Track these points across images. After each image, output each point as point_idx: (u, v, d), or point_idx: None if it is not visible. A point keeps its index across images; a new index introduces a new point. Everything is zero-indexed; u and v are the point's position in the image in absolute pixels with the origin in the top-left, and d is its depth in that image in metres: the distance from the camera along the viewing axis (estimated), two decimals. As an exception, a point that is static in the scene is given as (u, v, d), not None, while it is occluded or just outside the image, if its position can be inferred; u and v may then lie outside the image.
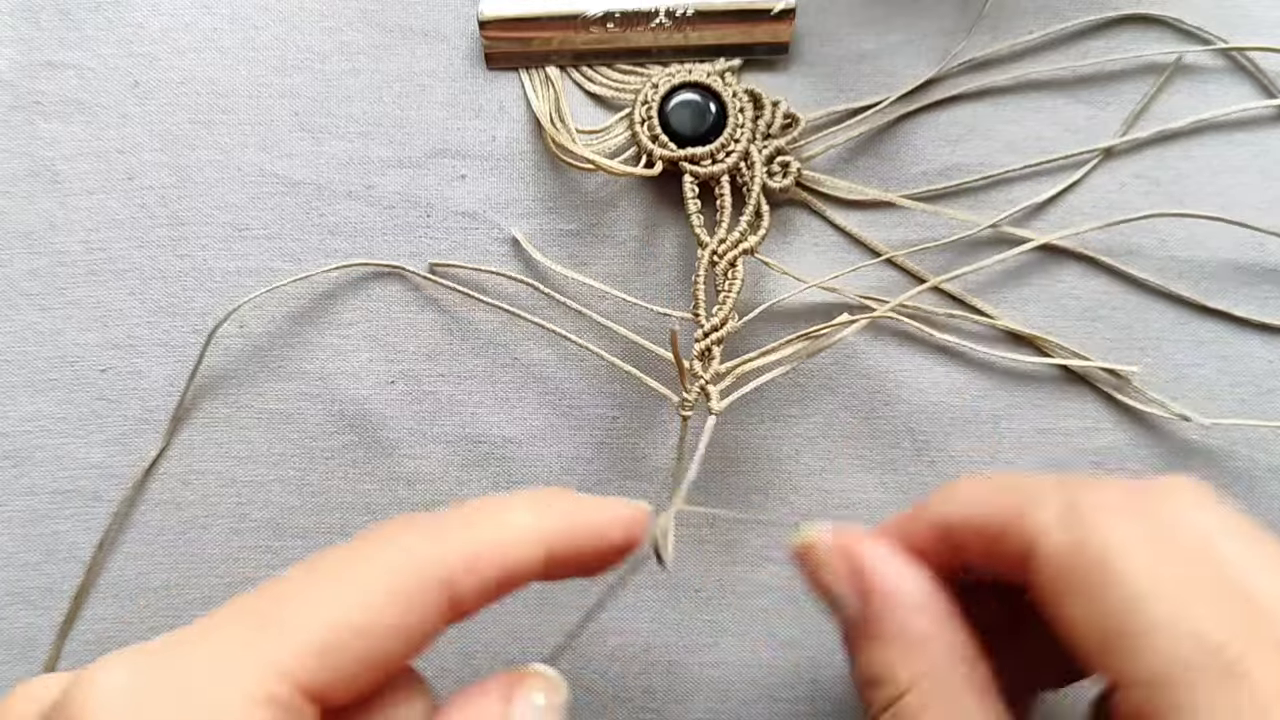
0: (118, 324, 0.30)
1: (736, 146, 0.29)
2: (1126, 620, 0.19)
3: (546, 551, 0.21)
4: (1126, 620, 0.19)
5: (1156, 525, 0.20)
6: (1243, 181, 0.30)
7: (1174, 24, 0.31)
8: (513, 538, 0.21)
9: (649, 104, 0.30)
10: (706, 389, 0.27)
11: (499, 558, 0.21)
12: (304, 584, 0.19)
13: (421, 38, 0.31)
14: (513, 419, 0.30)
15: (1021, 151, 0.30)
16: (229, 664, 0.18)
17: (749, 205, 0.29)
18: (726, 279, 0.28)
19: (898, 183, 0.31)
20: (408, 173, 0.30)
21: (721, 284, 0.28)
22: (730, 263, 0.28)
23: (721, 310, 0.28)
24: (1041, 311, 0.30)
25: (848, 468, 0.30)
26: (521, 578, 0.21)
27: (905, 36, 0.31)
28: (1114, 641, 0.19)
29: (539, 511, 0.21)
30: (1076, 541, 0.20)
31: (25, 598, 0.29)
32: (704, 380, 0.27)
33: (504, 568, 0.21)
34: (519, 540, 0.21)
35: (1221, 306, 0.30)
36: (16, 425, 0.29)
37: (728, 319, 0.28)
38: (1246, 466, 0.30)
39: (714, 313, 0.28)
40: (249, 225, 0.30)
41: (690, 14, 0.30)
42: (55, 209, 0.30)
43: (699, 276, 0.28)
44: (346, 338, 0.30)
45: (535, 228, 0.30)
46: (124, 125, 0.30)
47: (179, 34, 0.30)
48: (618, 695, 0.29)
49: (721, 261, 0.28)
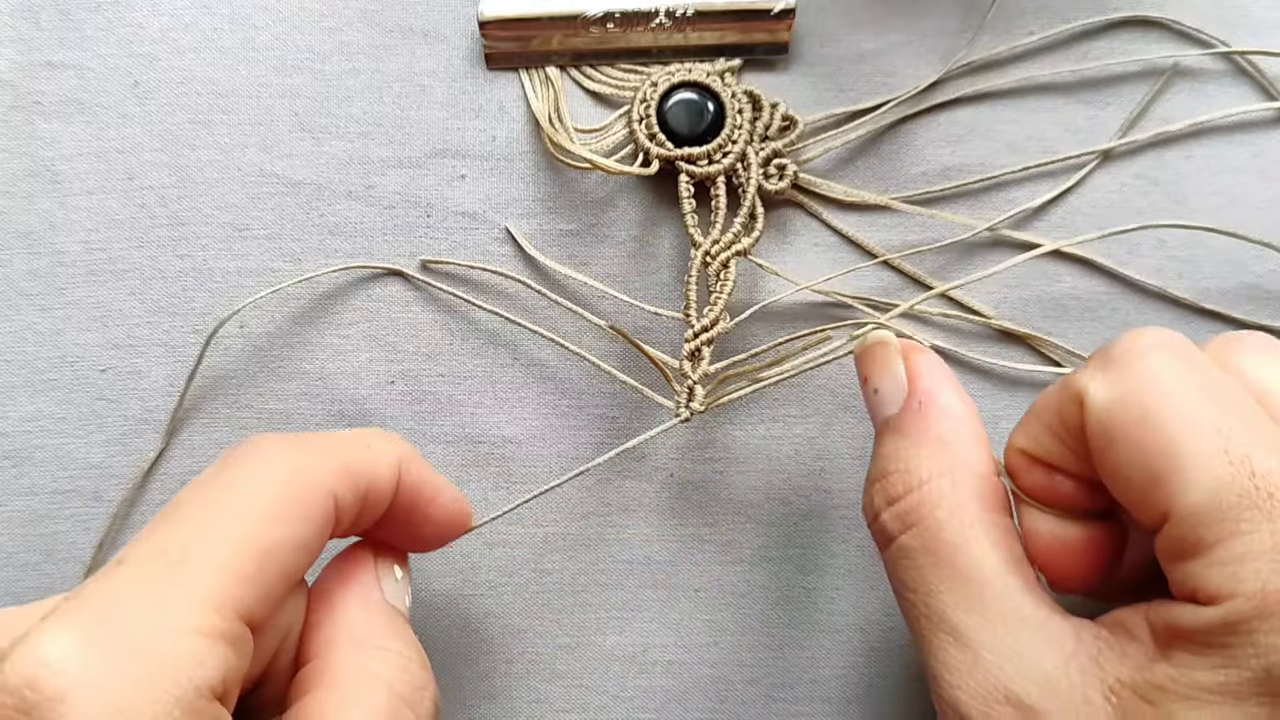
0: (118, 324, 0.30)
1: (733, 148, 0.29)
2: (1170, 453, 0.18)
3: (399, 478, 0.22)
4: (1170, 453, 0.18)
5: (1197, 360, 0.20)
6: (1242, 182, 0.30)
7: (1174, 26, 0.31)
8: (375, 456, 0.22)
9: (647, 102, 0.30)
10: (694, 389, 0.27)
11: (367, 470, 0.21)
12: (205, 511, 0.19)
13: (421, 38, 0.31)
14: (513, 419, 0.30)
15: (1022, 152, 0.30)
16: (171, 608, 0.17)
17: (744, 207, 0.29)
18: (719, 280, 0.28)
19: (897, 183, 0.31)
20: (408, 173, 0.30)
21: (714, 285, 0.28)
22: (723, 264, 0.28)
23: (712, 311, 0.28)
24: (1041, 312, 0.30)
25: (848, 468, 0.30)
26: (380, 498, 0.22)
27: (905, 37, 0.31)
28: (1158, 477, 0.18)
29: (391, 441, 0.23)
30: (1118, 383, 0.20)
31: (25, 598, 0.29)
32: (693, 381, 0.27)
33: (370, 482, 0.21)
34: (380, 459, 0.22)
35: (1220, 308, 0.30)
36: (16, 425, 0.29)
37: (718, 320, 0.28)
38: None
39: (705, 313, 0.28)
40: (249, 225, 0.30)
41: (690, 14, 0.30)
42: (55, 209, 0.30)
43: (691, 277, 0.28)
44: (346, 338, 0.30)
45: (535, 228, 0.30)
46: (124, 125, 0.30)
47: (179, 34, 0.30)
48: (618, 695, 0.30)
49: (714, 262, 0.28)
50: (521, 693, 0.30)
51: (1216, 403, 0.19)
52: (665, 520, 0.30)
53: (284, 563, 0.19)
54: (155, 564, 0.18)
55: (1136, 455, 0.19)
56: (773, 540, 0.30)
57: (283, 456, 0.20)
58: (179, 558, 0.18)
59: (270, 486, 0.20)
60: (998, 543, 0.21)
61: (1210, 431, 0.18)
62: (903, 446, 0.23)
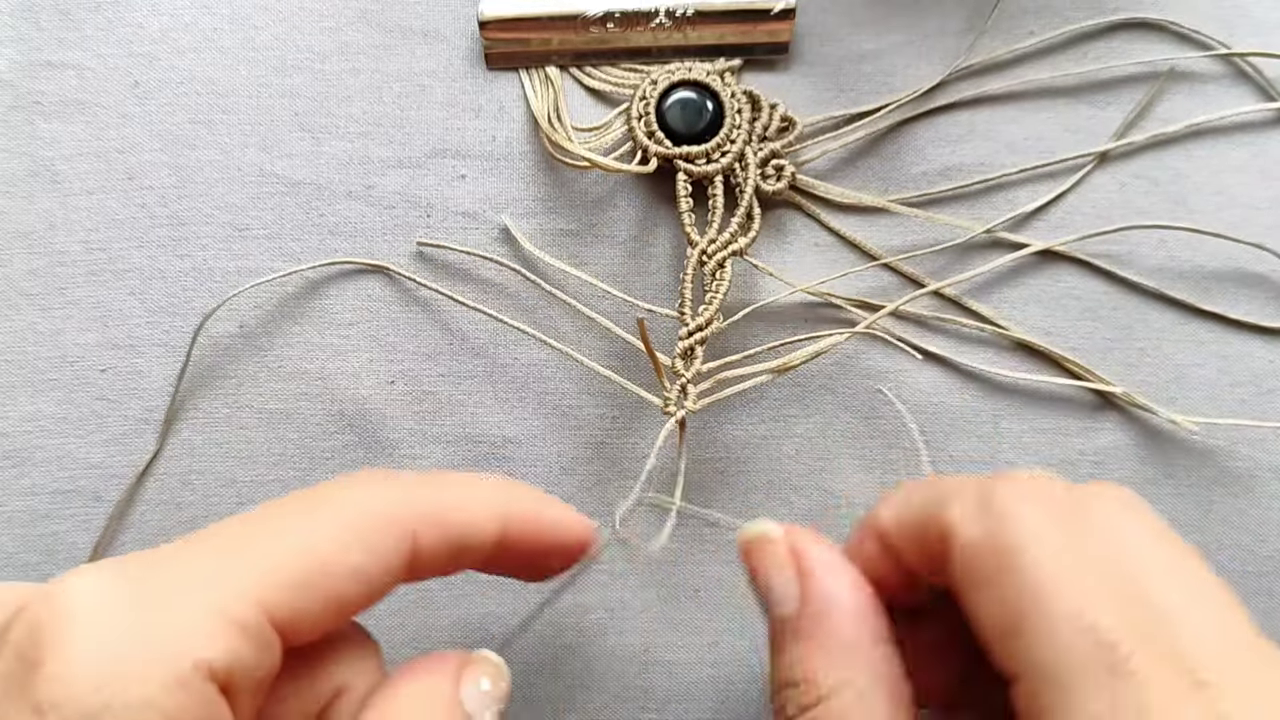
0: (118, 324, 0.30)
1: (732, 147, 0.29)
2: (1025, 610, 0.18)
3: (502, 529, 0.22)
4: (1025, 610, 0.18)
5: (1070, 521, 0.20)
6: (1242, 183, 0.30)
7: (1173, 27, 0.31)
8: (475, 506, 0.21)
9: (647, 100, 0.30)
10: (686, 388, 0.27)
11: (461, 520, 0.21)
12: (275, 519, 0.19)
13: (421, 38, 0.31)
14: (513, 419, 0.30)
15: (1022, 152, 0.30)
16: (201, 583, 0.18)
17: (741, 206, 0.29)
18: (714, 279, 0.28)
19: (897, 183, 0.31)
20: (408, 173, 0.30)
21: (709, 284, 0.28)
22: (719, 263, 0.28)
23: (707, 310, 0.28)
24: (1041, 312, 0.30)
25: (848, 468, 0.30)
26: (476, 549, 0.21)
27: (905, 37, 0.31)
28: (1012, 631, 0.18)
29: (502, 490, 0.22)
30: (987, 531, 0.20)
31: (25, 598, 0.29)
32: (685, 379, 0.27)
33: (464, 532, 0.21)
34: (480, 510, 0.21)
35: (1220, 308, 0.30)
36: (16, 425, 0.29)
37: (713, 319, 0.28)
38: (1247, 466, 0.30)
39: (699, 312, 0.28)
40: (249, 225, 0.30)
41: (690, 14, 0.30)
42: (55, 209, 0.30)
43: (686, 275, 0.28)
44: (346, 338, 0.30)
45: (534, 227, 0.30)
46: (124, 125, 0.30)
47: (179, 34, 0.30)
48: (618, 695, 0.30)
49: (710, 262, 0.28)
50: (522, 693, 0.30)
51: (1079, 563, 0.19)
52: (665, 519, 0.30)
53: (334, 585, 0.19)
54: (209, 548, 0.19)
55: (995, 600, 0.19)
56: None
57: (370, 488, 0.21)
58: (231, 548, 0.19)
59: (346, 512, 0.20)
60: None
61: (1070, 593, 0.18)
62: (806, 653, 0.22)
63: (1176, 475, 0.30)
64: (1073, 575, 0.19)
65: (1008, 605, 0.19)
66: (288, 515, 0.20)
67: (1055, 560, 0.19)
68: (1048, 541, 0.19)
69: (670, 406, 0.27)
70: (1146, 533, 0.20)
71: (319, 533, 0.19)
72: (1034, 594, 0.18)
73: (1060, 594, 0.18)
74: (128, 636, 0.17)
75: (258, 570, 0.18)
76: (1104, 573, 0.19)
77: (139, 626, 0.17)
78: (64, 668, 0.16)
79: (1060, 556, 0.19)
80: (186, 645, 0.17)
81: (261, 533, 0.19)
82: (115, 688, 0.16)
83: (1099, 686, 0.17)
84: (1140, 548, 0.20)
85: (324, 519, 0.19)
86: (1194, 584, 0.19)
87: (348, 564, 0.19)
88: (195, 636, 0.17)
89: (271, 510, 0.20)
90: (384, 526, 0.20)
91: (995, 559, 0.19)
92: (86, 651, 0.16)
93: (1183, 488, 0.30)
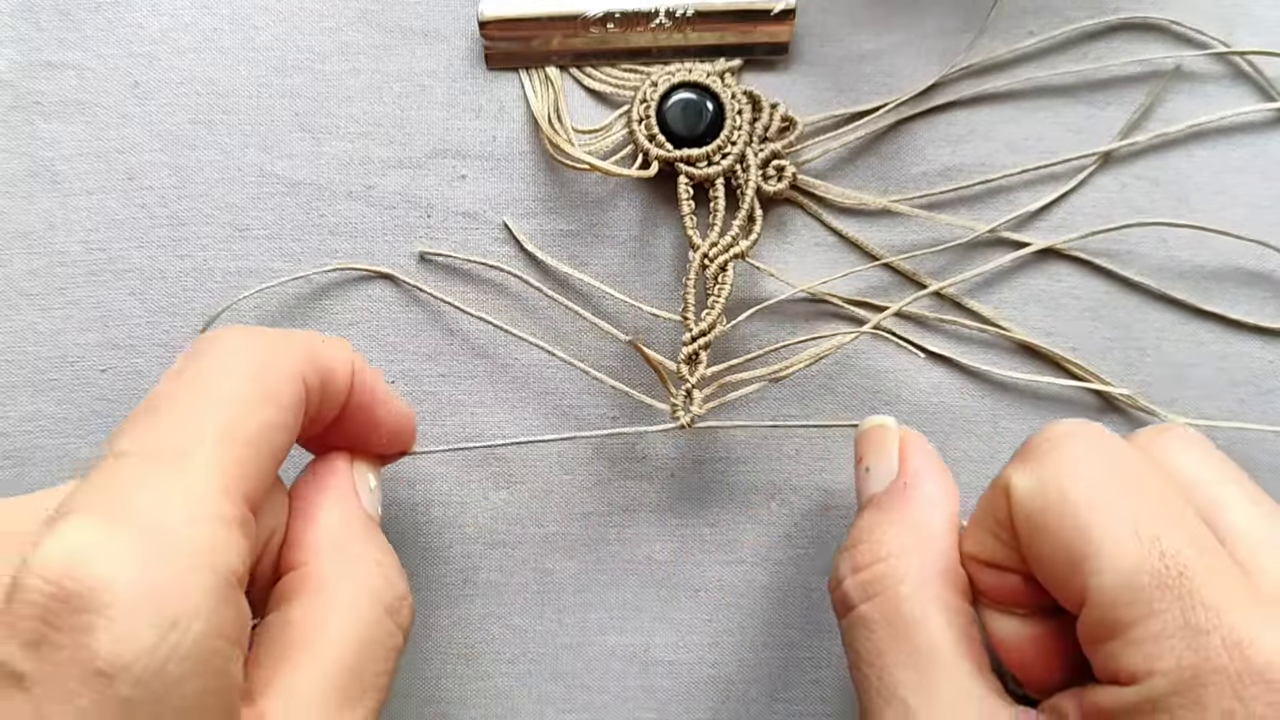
0: (118, 324, 0.30)
1: (733, 149, 0.29)
2: (1082, 541, 0.19)
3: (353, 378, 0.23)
4: (1082, 541, 0.19)
5: (1111, 449, 0.20)
6: (1243, 182, 0.30)
7: (1174, 27, 0.31)
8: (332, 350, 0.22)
9: (647, 102, 0.30)
10: (692, 393, 0.27)
11: (326, 362, 0.22)
12: (190, 401, 0.19)
13: (421, 38, 0.31)
14: (513, 419, 0.30)
15: (1022, 153, 0.30)
16: (185, 496, 0.17)
17: (742, 208, 0.29)
18: (717, 282, 0.28)
19: (898, 183, 0.31)
20: (408, 173, 0.30)
21: (711, 287, 0.28)
22: (721, 266, 0.28)
23: (710, 314, 0.28)
24: (1041, 312, 0.30)
25: (847, 467, 0.30)
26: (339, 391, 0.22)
27: (905, 37, 0.31)
28: (1075, 567, 0.19)
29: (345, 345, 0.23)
30: (1040, 478, 0.20)
31: (25, 598, 0.29)
32: (690, 384, 0.27)
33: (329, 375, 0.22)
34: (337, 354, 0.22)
35: (1221, 308, 0.30)
36: (16, 425, 0.29)
37: (716, 323, 0.28)
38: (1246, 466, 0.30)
39: (702, 316, 0.28)
40: (249, 225, 0.30)
41: (690, 14, 0.30)
42: (55, 209, 0.30)
43: (689, 279, 0.28)
44: (346, 338, 0.30)
45: (535, 228, 0.30)
46: (124, 125, 0.30)
47: (179, 34, 0.30)
48: (619, 695, 0.30)
49: (712, 265, 0.28)
50: (523, 693, 0.30)
51: (1129, 488, 0.19)
52: (665, 520, 0.30)
53: (271, 445, 0.19)
54: (157, 455, 0.18)
55: (1055, 541, 0.20)
56: (773, 540, 0.30)
57: (251, 344, 0.21)
58: (177, 448, 0.18)
59: (246, 372, 0.20)
60: (955, 624, 0.21)
61: (1122, 515, 0.19)
62: (879, 521, 0.23)
63: (1176, 475, 0.30)
64: (1126, 499, 0.19)
65: (1066, 537, 0.19)
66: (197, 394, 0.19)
67: (1106, 484, 0.19)
68: (1095, 467, 0.20)
69: (678, 412, 0.27)
70: (1204, 461, 0.21)
71: (238, 401, 0.19)
72: (1090, 520, 0.19)
73: (1114, 516, 0.19)
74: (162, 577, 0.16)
75: (218, 461, 0.18)
76: (1153, 491, 0.19)
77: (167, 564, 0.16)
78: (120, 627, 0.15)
79: (1113, 489, 0.19)
80: (212, 561, 0.17)
81: (190, 421, 0.19)
82: (176, 632, 0.16)
83: (1163, 602, 0.18)
84: (1199, 473, 0.21)
85: (234, 386, 0.19)
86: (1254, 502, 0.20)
87: (273, 421, 0.20)
88: (214, 551, 0.17)
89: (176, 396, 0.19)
90: (284, 374, 0.20)
91: (1051, 496, 0.20)
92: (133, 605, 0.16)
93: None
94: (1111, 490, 0.19)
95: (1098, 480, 0.20)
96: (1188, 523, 0.19)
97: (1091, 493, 0.19)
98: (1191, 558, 0.18)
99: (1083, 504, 0.19)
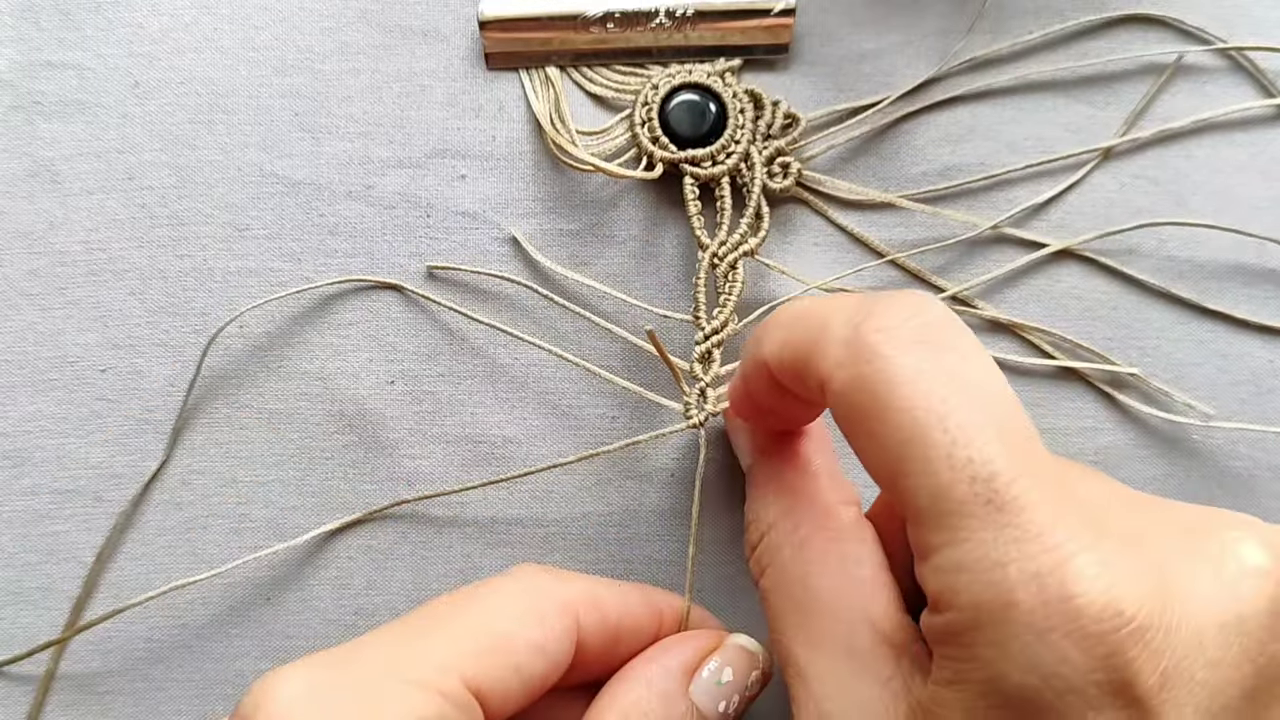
0: (118, 324, 0.29)
1: (737, 147, 0.29)
2: (903, 453, 0.17)
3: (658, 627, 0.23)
4: (903, 453, 0.17)
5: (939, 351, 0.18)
6: (1243, 181, 0.30)
7: (1174, 24, 0.31)
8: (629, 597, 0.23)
9: (649, 105, 0.30)
10: (706, 392, 0.27)
11: (619, 609, 0.22)
12: (450, 606, 0.21)
13: (421, 38, 0.31)
14: (513, 419, 0.30)
15: (1022, 151, 0.31)
16: (398, 665, 0.19)
17: (749, 206, 0.29)
18: (727, 281, 0.28)
19: (898, 183, 0.31)
20: (408, 173, 0.30)
21: (722, 286, 0.28)
22: (731, 265, 0.28)
23: (722, 313, 0.28)
24: (1042, 311, 0.30)
25: (847, 468, 0.30)
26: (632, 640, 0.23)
27: (905, 36, 0.31)
28: (896, 473, 0.18)
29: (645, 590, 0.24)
30: (858, 375, 0.18)
31: (25, 598, 0.29)
32: (704, 383, 0.27)
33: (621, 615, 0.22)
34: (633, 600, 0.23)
35: (1221, 307, 0.30)
36: (16, 425, 0.29)
37: (728, 321, 0.28)
38: (1247, 466, 0.30)
39: (714, 315, 0.28)
40: (249, 225, 0.30)
41: (690, 14, 0.30)
42: (55, 209, 0.30)
43: (699, 279, 0.28)
44: (346, 338, 0.30)
45: (535, 228, 0.30)
46: (124, 125, 0.30)
47: (179, 34, 0.30)
48: (618, 695, 0.29)
49: (722, 264, 0.28)
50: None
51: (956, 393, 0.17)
52: (665, 520, 0.30)
53: (517, 656, 0.20)
54: (399, 632, 0.20)
55: (876, 450, 0.18)
56: (773, 540, 0.30)
57: (532, 574, 0.22)
58: (421, 631, 0.20)
59: (513, 594, 0.21)
60: (838, 572, 0.21)
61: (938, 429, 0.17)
62: (753, 498, 0.24)
63: (1177, 475, 0.30)
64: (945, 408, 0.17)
65: (888, 449, 0.18)
66: (463, 601, 0.21)
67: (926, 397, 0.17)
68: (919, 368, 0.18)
69: (691, 412, 0.27)
70: None
71: (498, 611, 0.21)
72: (908, 434, 0.17)
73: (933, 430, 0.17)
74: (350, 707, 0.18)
75: (448, 645, 0.19)
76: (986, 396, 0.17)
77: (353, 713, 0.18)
78: None
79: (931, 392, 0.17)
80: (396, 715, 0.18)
81: (442, 617, 0.20)
82: None
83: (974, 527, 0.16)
84: None
85: (496, 602, 0.21)
86: None
87: (527, 638, 0.20)
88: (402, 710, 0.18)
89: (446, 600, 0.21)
90: (548, 605, 0.21)
91: (868, 402, 0.18)
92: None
93: (1183, 488, 0.30)
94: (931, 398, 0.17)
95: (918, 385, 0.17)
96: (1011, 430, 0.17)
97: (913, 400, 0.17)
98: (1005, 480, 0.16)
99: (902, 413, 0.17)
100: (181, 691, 0.29)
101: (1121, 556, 0.16)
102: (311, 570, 0.29)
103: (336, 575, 0.29)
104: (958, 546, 0.17)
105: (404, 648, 0.19)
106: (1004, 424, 0.17)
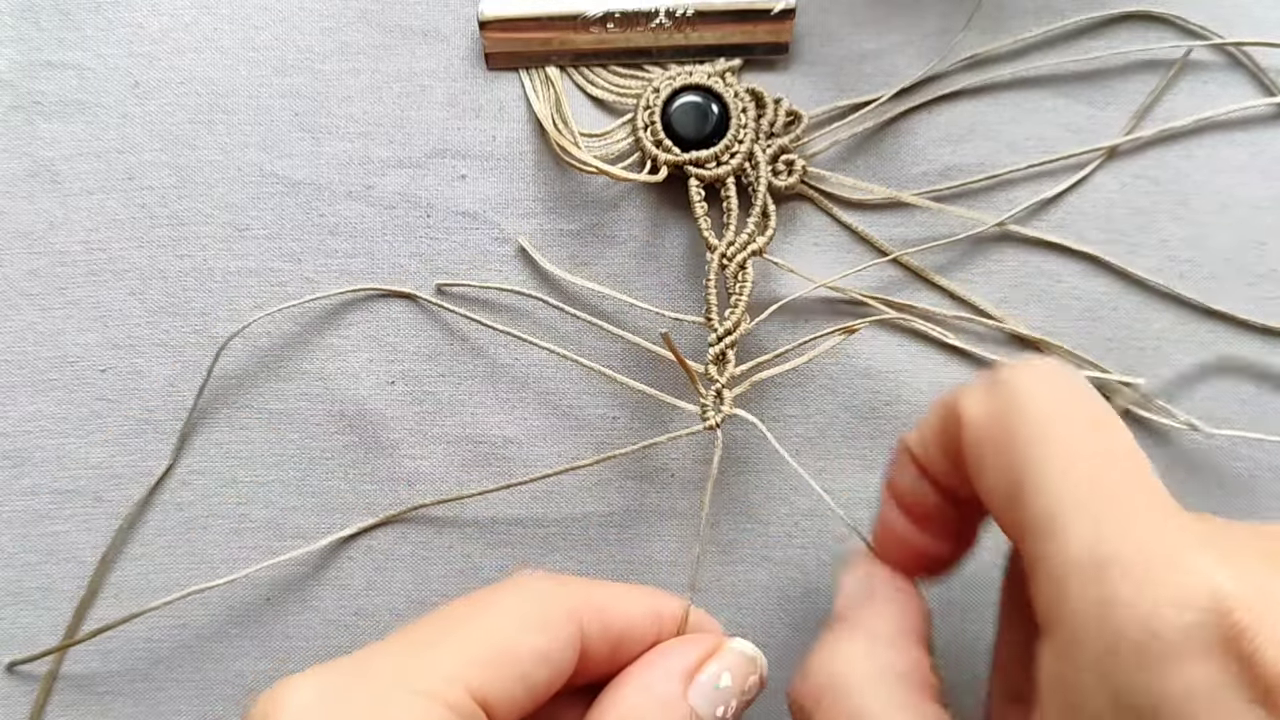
0: (118, 324, 0.29)
1: (740, 147, 0.29)
2: (1026, 474, 0.18)
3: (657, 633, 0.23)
4: (1026, 474, 0.18)
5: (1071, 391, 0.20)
6: (1243, 182, 0.30)
7: (1175, 21, 0.31)
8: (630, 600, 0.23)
9: (651, 108, 0.30)
10: (722, 393, 0.27)
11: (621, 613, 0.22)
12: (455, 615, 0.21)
13: (421, 38, 0.31)
14: (513, 419, 0.30)
15: (1022, 151, 0.30)
16: (406, 675, 0.19)
17: (755, 206, 0.29)
18: (737, 281, 0.28)
19: (899, 183, 0.31)
20: (408, 173, 0.30)
21: (732, 286, 0.28)
22: (740, 265, 0.28)
23: (734, 313, 0.28)
24: (1043, 312, 0.30)
25: (848, 468, 0.30)
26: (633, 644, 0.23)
27: (905, 36, 0.31)
28: (1014, 496, 0.19)
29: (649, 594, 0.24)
30: (992, 407, 0.20)
31: (25, 598, 0.29)
32: (720, 384, 0.27)
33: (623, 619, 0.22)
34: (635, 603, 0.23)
35: (1222, 308, 0.30)
36: (16, 425, 0.29)
37: (740, 321, 0.28)
38: (1247, 467, 0.30)
39: (726, 316, 0.28)
40: (249, 225, 0.30)
41: (690, 14, 0.30)
42: (55, 209, 0.30)
43: (710, 280, 0.28)
44: (346, 338, 0.30)
45: (536, 228, 0.30)
46: (124, 125, 0.30)
47: (179, 34, 0.30)
48: (618, 695, 0.29)
49: (731, 264, 0.28)
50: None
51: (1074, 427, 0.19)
52: (666, 520, 0.30)
53: (522, 665, 0.20)
54: (407, 642, 0.20)
55: (1000, 475, 0.19)
56: (773, 540, 0.30)
57: (537, 582, 0.22)
58: (428, 641, 0.20)
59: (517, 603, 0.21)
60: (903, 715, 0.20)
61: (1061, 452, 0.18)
62: (828, 637, 0.23)
63: (1177, 476, 0.30)
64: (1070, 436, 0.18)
65: (1011, 472, 0.19)
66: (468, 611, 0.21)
67: (1054, 425, 0.19)
68: (1047, 413, 0.19)
69: (709, 414, 0.27)
70: None
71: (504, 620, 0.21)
72: (1030, 461, 0.18)
73: (1056, 453, 0.18)
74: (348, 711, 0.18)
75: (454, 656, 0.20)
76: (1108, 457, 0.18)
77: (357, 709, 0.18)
78: None
79: (1060, 423, 0.19)
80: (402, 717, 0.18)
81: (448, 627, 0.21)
82: None
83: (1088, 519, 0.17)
84: None
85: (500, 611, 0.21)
86: None
87: (532, 646, 0.20)
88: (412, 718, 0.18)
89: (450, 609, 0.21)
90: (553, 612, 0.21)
91: (999, 430, 0.19)
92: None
93: (1183, 488, 0.30)
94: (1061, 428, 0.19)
95: (1050, 423, 0.19)
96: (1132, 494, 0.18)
97: (1043, 428, 0.19)
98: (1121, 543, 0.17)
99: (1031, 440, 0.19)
100: (182, 692, 0.29)
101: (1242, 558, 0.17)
102: (311, 571, 0.29)
103: (336, 576, 0.29)
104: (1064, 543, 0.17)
105: (411, 658, 0.20)
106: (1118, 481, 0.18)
